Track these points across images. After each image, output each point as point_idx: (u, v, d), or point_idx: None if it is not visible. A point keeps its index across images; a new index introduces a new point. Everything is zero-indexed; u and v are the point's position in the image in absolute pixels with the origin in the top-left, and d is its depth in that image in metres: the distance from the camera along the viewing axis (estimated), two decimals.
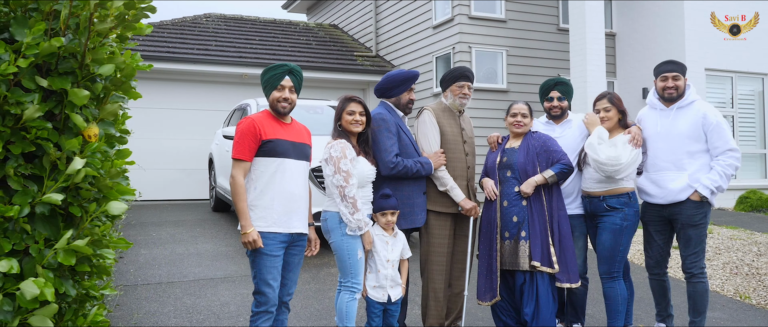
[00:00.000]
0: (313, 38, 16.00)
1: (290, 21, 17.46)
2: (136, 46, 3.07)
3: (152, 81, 12.59)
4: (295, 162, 3.86)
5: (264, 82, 3.90)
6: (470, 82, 4.55)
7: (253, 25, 16.29)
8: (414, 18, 13.70)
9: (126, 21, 2.32)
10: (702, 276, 4.37)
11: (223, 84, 13.30)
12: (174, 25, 14.87)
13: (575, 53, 11.50)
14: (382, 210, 4.13)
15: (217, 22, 15.79)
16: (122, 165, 2.38)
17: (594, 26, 11.35)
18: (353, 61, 14.68)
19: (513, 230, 4.37)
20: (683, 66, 4.50)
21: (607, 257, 4.38)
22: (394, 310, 4.17)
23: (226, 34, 14.92)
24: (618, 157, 4.22)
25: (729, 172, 4.29)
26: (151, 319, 5.13)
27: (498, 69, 12.51)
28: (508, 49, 12.49)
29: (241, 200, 3.70)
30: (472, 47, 12.14)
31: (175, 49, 13.06)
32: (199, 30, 14.86)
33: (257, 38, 15.08)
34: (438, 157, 4.38)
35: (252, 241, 3.65)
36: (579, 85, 11.39)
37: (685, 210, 4.34)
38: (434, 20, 12.91)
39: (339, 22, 17.70)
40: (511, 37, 12.56)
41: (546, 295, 4.31)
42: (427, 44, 13.18)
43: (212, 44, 13.90)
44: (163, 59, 12.44)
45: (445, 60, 12.58)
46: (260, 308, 3.75)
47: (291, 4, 20.01)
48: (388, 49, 14.85)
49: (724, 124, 4.35)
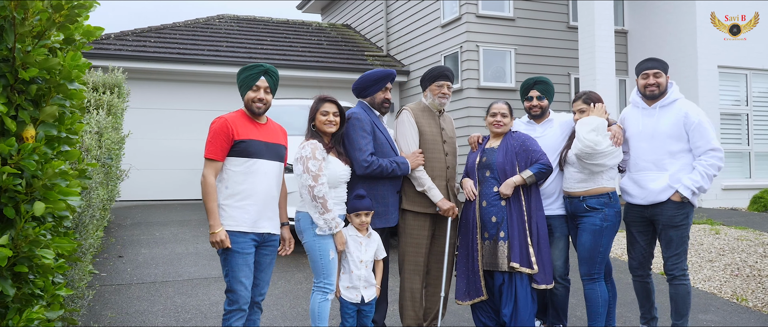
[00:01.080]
0: (325, 38, 16.05)
1: (303, 21, 17.53)
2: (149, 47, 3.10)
3: (163, 82, 12.76)
4: (268, 162, 3.86)
5: (239, 81, 3.91)
6: (450, 81, 4.53)
7: (266, 25, 16.39)
8: (423, 17, 13.67)
9: (55, 22, 2.34)
10: (684, 278, 4.30)
11: (233, 84, 13.37)
12: (186, 26, 15.03)
13: (584, 51, 11.37)
14: (356, 211, 4.12)
15: (230, 23, 15.93)
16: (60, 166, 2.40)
17: (603, 24, 11.21)
18: (364, 61, 14.69)
19: (492, 231, 4.34)
20: (664, 63, 4.43)
21: (587, 258, 4.33)
22: (368, 310, 4.16)
23: (238, 35, 15.03)
24: (597, 142, 4.15)
25: (711, 173, 4.21)
26: (138, 318, 5.20)
27: (506, 68, 12.42)
28: (516, 47, 12.40)
29: (211, 200, 3.71)
30: (480, 46, 12.07)
31: (185, 50, 13.20)
32: (211, 31, 15.00)
33: (269, 39, 15.18)
34: (415, 157, 4.36)
35: (220, 240, 3.66)
36: (588, 83, 11.26)
37: (665, 211, 4.26)
38: (442, 19, 12.86)
39: (352, 22, 17.73)
40: (520, 36, 12.46)
41: (525, 296, 4.28)
42: (435, 44, 13.14)
43: (223, 45, 14.02)
44: (174, 60, 12.59)
45: (454, 59, 12.53)
46: (233, 307, 3.76)
47: (305, 5, 20.10)
48: (399, 48, 14.84)
49: (706, 123, 4.27)
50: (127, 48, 12.71)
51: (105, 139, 5.79)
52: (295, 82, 13.67)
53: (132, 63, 12.33)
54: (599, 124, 4.22)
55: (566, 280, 4.52)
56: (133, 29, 13.91)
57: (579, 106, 4.44)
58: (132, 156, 10.55)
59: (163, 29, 14.37)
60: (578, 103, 4.46)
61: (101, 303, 5.57)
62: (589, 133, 4.15)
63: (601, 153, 4.15)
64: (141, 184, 11.86)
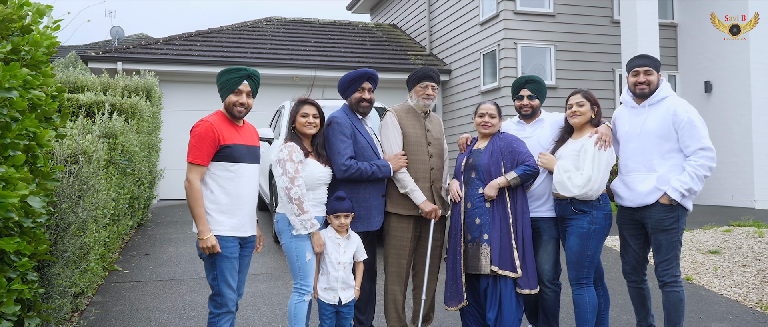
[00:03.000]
0: (369, 38, 16.13)
1: (350, 22, 17.67)
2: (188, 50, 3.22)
3: (207, 84, 13.13)
4: (249, 166, 3.90)
5: (220, 84, 3.90)
6: (434, 82, 4.47)
7: (312, 27, 16.61)
8: (463, 15, 13.54)
9: None
10: (675, 285, 4.10)
11: (275, 86, 13.65)
12: (233, 29, 15.41)
13: (626, 46, 11.00)
14: (336, 212, 4.13)
15: (276, 26, 16.22)
16: None
17: (646, 16, 10.81)
18: (406, 61, 14.68)
19: (475, 233, 4.26)
20: (657, 60, 4.24)
21: (575, 262, 4.18)
22: (346, 312, 4.16)
23: (283, 37, 15.30)
24: (589, 180, 4.03)
25: (701, 173, 3.99)
26: (145, 314, 5.37)
27: (546, 65, 12.15)
28: (557, 44, 12.11)
29: (199, 205, 3.71)
30: (518, 43, 11.85)
31: (229, 53, 13.55)
32: (257, 34, 15.33)
33: (313, 40, 15.37)
34: (398, 159, 4.33)
35: (210, 246, 3.68)
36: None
37: (654, 214, 4.08)
38: (481, 17, 12.70)
39: (398, 22, 17.74)
40: (561, 32, 12.17)
41: (509, 300, 4.18)
42: (474, 41, 12.99)
43: (266, 47, 14.31)
44: (217, 63, 12.93)
45: (492, 57, 12.35)
46: (222, 309, 3.80)
47: (355, 5, 20.25)
48: (441, 47, 14.75)
49: (697, 121, 4.05)
50: (173, 52, 13.15)
51: (119, 142, 6.01)
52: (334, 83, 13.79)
53: (177, 66, 12.76)
54: (562, 166, 4.17)
55: (556, 284, 4.38)
56: (181, 34, 14.38)
57: (578, 100, 4.28)
58: (176, 157, 10.89)
59: (210, 33, 14.79)
60: (577, 96, 4.30)
61: (115, 298, 5.80)
62: (577, 180, 4.06)
63: (599, 181, 4.03)
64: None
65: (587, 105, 4.26)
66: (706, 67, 12.12)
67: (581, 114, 4.24)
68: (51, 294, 3.84)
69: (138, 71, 12.77)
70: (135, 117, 7.19)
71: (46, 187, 3.31)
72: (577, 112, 4.25)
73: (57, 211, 3.95)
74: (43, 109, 3.47)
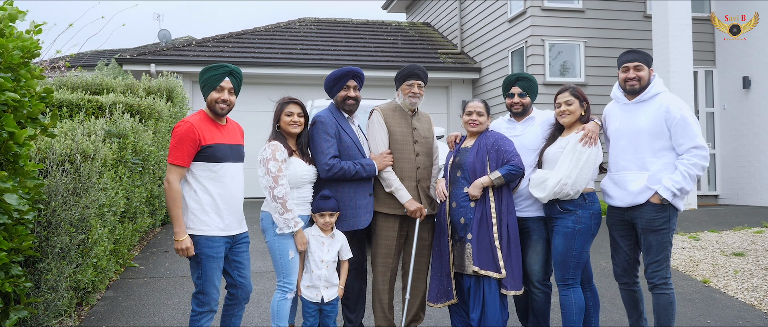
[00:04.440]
0: (401, 38, 16.11)
1: (383, 21, 17.69)
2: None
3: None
4: (233, 165, 3.92)
5: (202, 82, 3.92)
6: (420, 80, 4.44)
7: (345, 27, 16.70)
8: (492, 12, 13.40)
9: None
10: (665, 287, 3.96)
11: (304, 86, 13.77)
12: (267, 31, 15.62)
13: (658, 40, 10.69)
14: (320, 211, 4.15)
15: (309, 26, 16.37)
16: None
17: (678, 11, 10.48)
18: (436, 59, 14.61)
19: (461, 232, 4.22)
20: (647, 56, 4.11)
21: (560, 263, 4.09)
22: (329, 310, 4.17)
23: (315, 38, 15.42)
24: (559, 181, 3.94)
25: (693, 173, 3.85)
26: (149, 310, 5.50)
27: (576, 62, 11.90)
28: (586, 40, 11.85)
29: (176, 207, 3.74)
30: (545, 40, 11.65)
31: (260, 54, 13.74)
32: (289, 34, 15.50)
33: (344, 40, 15.45)
34: (383, 158, 4.31)
35: (185, 248, 3.73)
36: (662, 75, 10.56)
37: (644, 214, 3.95)
38: (509, 14, 12.54)
39: (431, 21, 17.67)
40: (590, 28, 11.90)
41: (493, 301, 4.12)
42: (503, 39, 12.84)
43: (297, 48, 14.45)
44: (248, 64, 13.12)
45: (519, 54, 12.18)
46: (204, 308, 3.86)
47: (390, 4, 20.27)
48: (472, 45, 14.63)
49: (690, 119, 3.91)
50: (205, 53, 13.42)
51: (130, 141, 6.17)
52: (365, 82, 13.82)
53: None
54: (536, 176, 4.12)
55: (545, 285, 4.29)
56: (215, 35, 14.66)
57: (566, 98, 4.19)
58: None
59: (243, 34, 15.03)
60: (565, 94, 4.20)
61: (126, 294, 5.96)
62: (551, 180, 3.99)
63: (573, 179, 3.94)
64: None
65: (576, 103, 4.15)
66: (745, 62, 11.66)
67: (570, 113, 4.15)
68: (40, 288, 3.97)
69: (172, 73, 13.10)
70: (152, 117, 7.37)
71: (26, 185, 3.43)
72: (565, 112, 4.15)
73: (47, 208, 4.08)
74: (28, 110, 3.60)
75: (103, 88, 8.28)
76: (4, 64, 3.12)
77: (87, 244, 4.81)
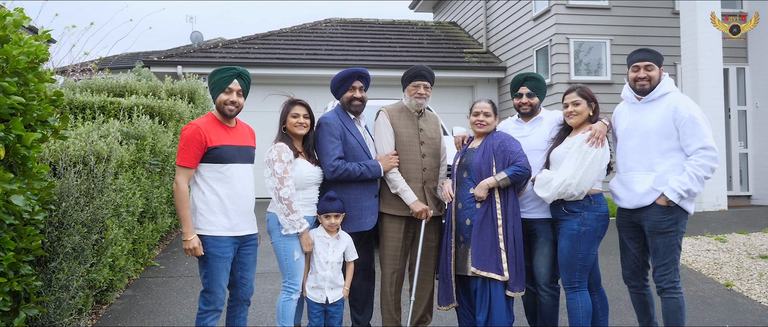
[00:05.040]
0: (427, 37, 16.07)
1: (409, 21, 17.67)
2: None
3: (264, 86, 13.31)
4: (241, 166, 3.97)
5: (211, 84, 3.99)
6: (426, 81, 4.42)
7: (371, 27, 16.72)
8: (517, 11, 13.28)
9: None
10: (674, 291, 3.87)
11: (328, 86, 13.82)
12: (292, 31, 15.73)
13: (686, 37, 10.46)
14: (326, 212, 4.16)
15: (335, 27, 16.43)
16: None
17: (706, 6, 10.22)
18: (461, 59, 14.53)
19: (466, 234, 4.19)
20: (658, 55, 4.02)
21: (566, 265, 4.03)
22: (334, 311, 4.18)
23: (340, 38, 15.47)
24: (563, 182, 3.89)
25: (701, 174, 3.76)
26: (165, 308, 5.59)
27: (602, 60, 11.72)
28: (612, 38, 11.65)
29: (184, 207, 3.81)
30: (570, 38, 11.50)
31: (285, 55, 13.85)
32: (315, 35, 15.59)
33: (369, 40, 15.48)
34: (388, 159, 4.31)
35: (192, 248, 3.80)
36: (690, 72, 10.35)
37: (651, 216, 3.87)
38: (534, 12, 12.41)
39: (458, 20, 17.59)
40: (617, 25, 11.70)
41: (499, 303, 4.08)
42: (527, 38, 12.71)
43: (322, 49, 14.52)
44: (272, 65, 13.25)
45: (544, 53, 12.04)
46: (209, 307, 3.92)
47: (417, 4, 20.23)
48: (497, 44, 14.52)
49: (699, 119, 3.81)
50: (231, 55, 13.58)
51: (148, 143, 6.27)
52: (388, 82, 13.82)
53: None
54: (541, 177, 4.06)
55: (552, 287, 4.23)
56: (241, 37, 14.83)
57: (573, 98, 4.13)
58: None
59: (269, 36, 15.16)
60: (572, 94, 4.14)
61: (144, 292, 6.07)
62: (556, 180, 3.94)
63: (578, 180, 3.88)
64: None
65: (584, 103, 4.09)
66: None
67: (578, 113, 4.08)
68: (51, 287, 4.07)
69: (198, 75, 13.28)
70: (173, 119, 7.49)
71: (33, 186, 3.51)
72: (573, 112, 4.09)
73: (59, 209, 4.18)
74: (38, 113, 3.70)
75: (127, 90, 8.44)
76: (9, 69, 3.20)
77: (102, 244, 4.91)
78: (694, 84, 10.24)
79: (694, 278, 6.29)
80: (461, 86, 14.48)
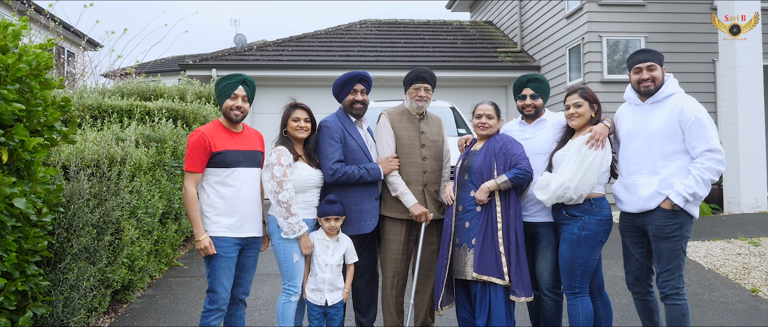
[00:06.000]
0: (461, 37, 15.97)
1: (444, 21, 17.58)
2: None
3: (297, 88, 13.58)
4: (246, 170, 4.07)
5: (218, 91, 4.13)
6: (427, 83, 4.39)
7: (405, 28, 16.71)
8: (550, 9, 13.08)
9: None
10: (677, 298, 3.75)
11: None
12: (327, 33, 15.85)
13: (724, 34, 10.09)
14: (326, 215, 4.18)
15: (370, 28, 16.48)
16: None
17: (745, 5, 9.85)
18: (495, 58, 14.39)
19: (464, 237, 4.15)
20: (659, 54, 3.90)
21: (567, 270, 3.95)
22: (333, 313, 4.20)
23: (374, 39, 15.51)
24: (561, 185, 3.81)
25: (707, 177, 3.63)
26: (182, 308, 5.71)
27: None
28: (647, 35, 11.35)
29: (193, 210, 3.96)
30: (603, 36, 11.26)
31: (317, 57, 13.96)
32: (349, 37, 15.67)
33: (402, 41, 15.47)
34: (389, 162, 4.31)
35: (204, 247, 3.93)
36: (727, 70, 10.02)
37: (654, 220, 3.76)
38: (567, 10, 12.19)
39: (494, 19, 17.42)
40: (652, 22, 11.39)
41: (499, 308, 4.03)
42: (560, 36, 12.51)
43: (355, 50, 14.59)
44: (305, 67, 13.38)
45: (576, 51, 11.82)
46: (213, 306, 4.02)
47: (453, 4, 20.12)
48: (532, 42, 14.32)
49: (705, 120, 3.69)
50: (265, 57, 13.77)
51: (168, 146, 6.42)
52: None
53: (267, 72, 13.33)
54: (541, 180, 4.00)
55: (555, 292, 4.15)
56: (275, 40, 15.01)
57: (575, 100, 4.04)
58: None
59: (303, 38, 15.32)
60: (574, 96, 4.06)
61: (164, 292, 6.21)
62: (554, 183, 3.87)
63: (576, 184, 3.80)
64: None
65: (585, 105, 4.00)
66: None
67: (579, 115, 4.00)
68: (59, 286, 4.21)
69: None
70: (197, 122, 7.64)
71: (37, 190, 3.64)
72: (575, 114, 4.01)
73: (68, 211, 4.31)
74: (44, 119, 3.83)
75: (157, 93, 8.66)
76: (10, 78, 3.32)
77: (118, 245, 5.05)
78: (732, 81, 9.90)
79: (719, 283, 6.07)
80: (495, 86, 14.34)
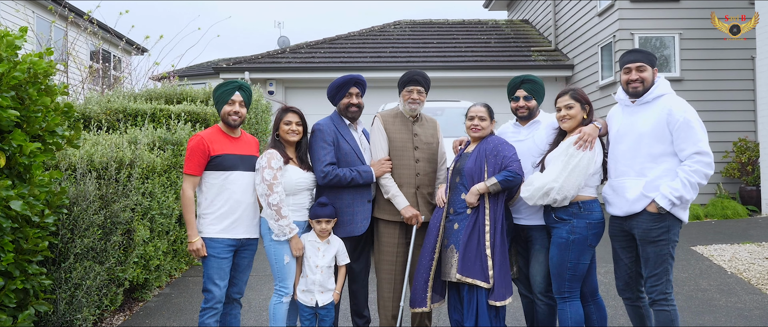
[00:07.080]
0: (495, 36, 15.82)
1: (479, 20, 17.46)
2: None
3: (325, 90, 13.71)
4: (242, 173, 4.18)
5: (216, 98, 4.28)
6: (420, 86, 4.40)
7: (439, 28, 16.66)
8: (583, 6, 12.84)
9: None
10: (665, 303, 3.65)
11: (391, 88, 13.88)
12: (360, 35, 15.94)
13: (762, 30, 9.74)
14: (317, 218, 4.24)
15: (403, 28, 16.49)
16: None
17: None
18: (528, 58, 14.22)
19: (452, 238, 4.14)
20: (650, 55, 3.81)
21: (556, 275, 3.89)
22: (324, 314, 4.25)
23: (406, 40, 15.51)
24: (554, 181, 3.76)
25: (694, 180, 3.53)
26: (193, 307, 5.86)
27: (670, 55, 11.11)
28: (681, 31, 11.02)
29: (189, 212, 4.11)
30: (635, 33, 10.99)
31: (349, 59, 14.06)
32: (382, 38, 15.72)
33: (435, 41, 15.43)
34: (381, 164, 4.33)
35: (196, 249, 4.08)
36: (764, 65, 9.64)
37: (641, 223, 3.68)
38: (598, 7, 11.95)
39: (530, 17, 17.20)
40: (687, 18, 11.05)
41: (485, 311, 4.00)
42: (593, 34, 12.27)
43: (387, 51, 14.63)
44: (336, 69, 13.47)
45: (608, 49, 11.58)
46: (208, 304, 4.15)
47: (490, 3, 19.97)
48: (565, 41, 14.09)
49: (694, 122, 3.59)
50: (297, 60, 13.94)
51: (185, 148, 6.59)
52: (451, 83, 13.75)
53: (299, 74, 13.51)
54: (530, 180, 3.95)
55: (548, 296, 4.10)
56: (308, 41, 15.18)
57: (566, 102, 3.99)
58: None
59: (336, 40, 15.44)
60: (565, 97, 4.01)
61: (180, 290, 6.39)
62: (537, 181, 3.84)
63: (559, 185, 3.75)
64: None
65: (577, 106, 3.94)
66: None
67: (571, 117, 3.94)
68: (63, 285, 4.38)
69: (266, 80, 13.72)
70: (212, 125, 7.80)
71: (35, 192, 3.81)
72: (566, 116, 3.95)
73: (72, 213, 4.49)
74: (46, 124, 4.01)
75: (184, 97, 8.88)
76: (4, 86, 3.48)
77: (129, 245, 5.23)
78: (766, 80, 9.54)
79: (740, 288, 5.87)
80: None
